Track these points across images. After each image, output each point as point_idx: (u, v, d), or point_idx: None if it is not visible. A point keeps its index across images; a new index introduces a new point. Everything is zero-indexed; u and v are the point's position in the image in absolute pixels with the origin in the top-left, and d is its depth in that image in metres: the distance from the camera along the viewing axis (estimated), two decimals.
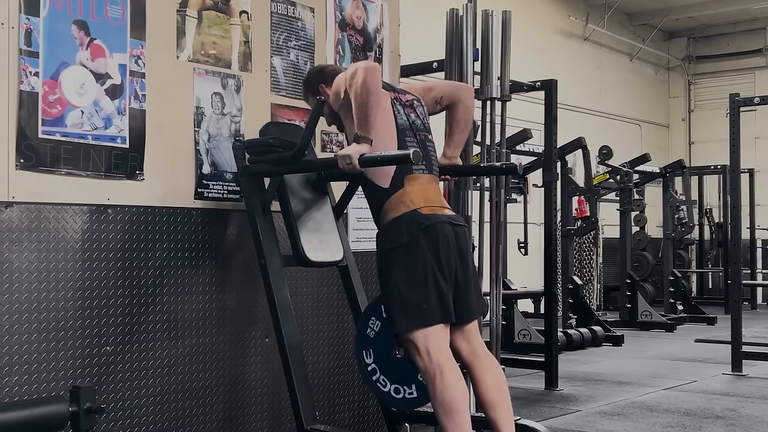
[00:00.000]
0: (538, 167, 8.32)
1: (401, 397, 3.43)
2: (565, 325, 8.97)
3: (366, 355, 3.47)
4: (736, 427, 4.99)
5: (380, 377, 3.45)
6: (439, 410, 3.07)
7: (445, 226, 3.22)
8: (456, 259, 3.23)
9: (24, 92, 3.05)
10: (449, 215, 3.31)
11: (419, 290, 3.13)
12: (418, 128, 3.40)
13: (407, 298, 3.14)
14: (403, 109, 3.39)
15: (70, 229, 3.17)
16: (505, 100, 4.72)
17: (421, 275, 3.14)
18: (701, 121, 17.54)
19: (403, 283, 3.15)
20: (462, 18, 4.58)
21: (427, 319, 3.12)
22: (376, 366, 3.45)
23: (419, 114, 3.45)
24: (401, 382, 3.41)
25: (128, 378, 3.31)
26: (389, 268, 3.20)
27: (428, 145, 3.41)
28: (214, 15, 3.67)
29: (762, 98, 6.98)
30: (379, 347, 3.44)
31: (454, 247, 3.22)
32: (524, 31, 11.22)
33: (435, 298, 3.13)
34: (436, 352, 3.11)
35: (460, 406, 3.05)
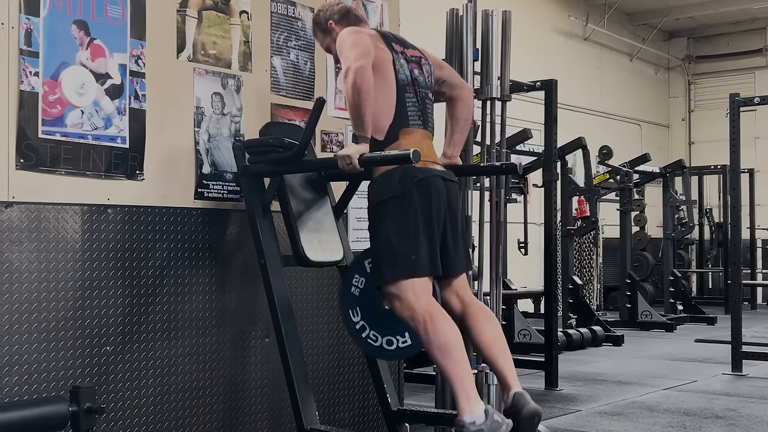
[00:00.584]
0: (538, 167, 8.32)
1: (395, 348, 3.43)
2: (565, 325, 8.97)
3: (353, 314, 3.46)
4: (736, 427, 4.99)
5: (370, 333, 3.44)
6: (435, 352, 3.09)
7: (437, 180, 3.27)
8: (446, 213, 3.28)
9: (24, 92, 3.05)
10: (441, 170, 3.35)
11: (409, 242, 3.17)
12: (419, 85, 3.42)
13: (397, 250, 3.18)
14: (407, 64, 3.41)
15: (70, 229, 3.17)
16: (505, 100, 4.72)
17: (412, 227, 3.18)
18: (701, 121, 17.54)
19: (393, 235, 3.19)
20: (462, 18, 4.58)
21: (415, 271, 3.17)
22: (364, 323, 3.44)
23: (424, 71, 3.48)
24: (393, 333, 3.40)
25: (128, 378, 3.31)
26: (380, 219, 3.24)
27: (427, 103, 3.45)
28: (214, 15, 3.68)
29: (762, 98, 6.98)
30: (365, 303, 3.43)
31: (444, 202, 3.28)
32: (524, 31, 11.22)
33: (424, 251, 3.18)
34: (424, 298, 3.16)
35: (454, 344, 3.09)
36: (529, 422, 3.12)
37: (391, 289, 3.20)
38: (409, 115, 3.33)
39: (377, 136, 3.29)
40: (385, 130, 3.29)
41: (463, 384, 3.07)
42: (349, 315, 3.48)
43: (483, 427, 3.00)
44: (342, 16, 3.55)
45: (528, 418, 3.11)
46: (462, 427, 3.03)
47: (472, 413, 3.02)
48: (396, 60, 3.36)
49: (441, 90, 3.64)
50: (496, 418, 3.02)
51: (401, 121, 3.30)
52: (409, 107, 3.34)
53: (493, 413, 3.04)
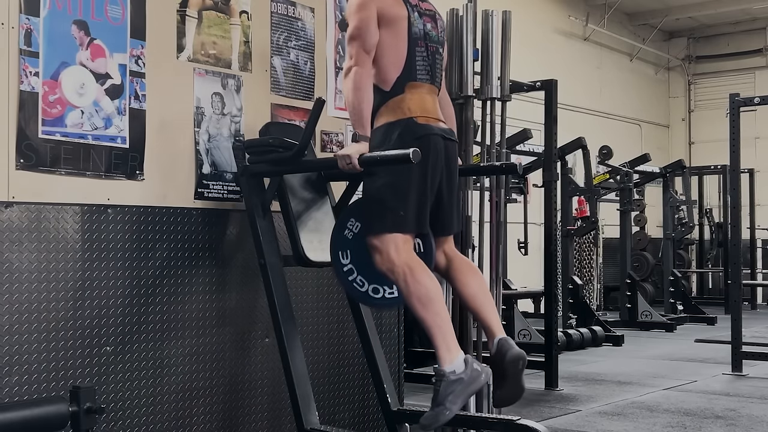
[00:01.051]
0: (538, 167, 8.33)
1: (380, 297, 3.43)
2: (565, 325, 8.97)
3: (342, 256, 3.44)
4: (736, 427, 4.99)
5: (357, 278, 3.42)
6: (416, 303, 3.12)
7: (437, 138, 3.29)
8: (443, 172, 3.31)
9: (24, 92, 3.05)
10: (443, 128, 3.37)
11: (400, 198, 3.20)
12: (431, 39, 3.43)
13: (387, 204, 3.20)
14: (421, 17, 3.42)
15: (70, 229, 3.17)
16: (505, 100, 4.72)
17: (405, 184, 3.20)
18: (701, 121, 17.54)
19: (385, 188, 3.21)
20: (462, 18, 4.58)
21: (401, 226, 3.20)
22: (353, 266, 3.42)
23: (438, 26, 3.49)
24: (380, 282, 3.39)
25: (128, 378, 3.31)
26: (375, 171, 3.25)
27: (437, 58, 3.45)
28: (214, 15, 3.67)
29: (762, 98, 6.98)
30: (357, 248, 3.40)
31: (442, 161, 3.30)
32: (524, 31, 11.23)
33: (413, 208, 3.21)
34: (405, 252, 3.19)
35: (435, 296, 3.13)
36: (513, 366, 3.17)
37: (374, 241, 3.22)
38: (418, 69, 3.35)
39: (383, 87, 3.30)
40: (392, 81, 3.30)
41: (444, 334, 3.11)
42: (338, 256, 3.44)
43: (463, 375, 3.04)
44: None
45: (512, 362, 3.17)
46: (442, 377, 3.07)
47: (452, 362, 3.06)
48: (411, 14, 3.37)
49: None
50: (475, 367, 3.07)
51: (409, 74, 3.32)
52: (418, 61, 3.35)
53: (473, 362, 3.08)
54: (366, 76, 3.22)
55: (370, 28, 3.27)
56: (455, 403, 3.04)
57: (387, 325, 4.36)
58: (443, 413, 3.05)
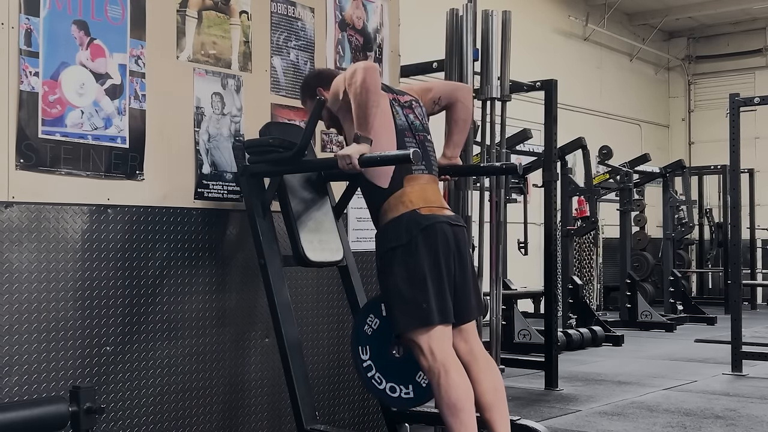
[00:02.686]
0: (538, 167, 8.32)
1: (397, 396, 3.43)
2: (565, 325, 8.97)
3: (362, 352, 3.47)
4: (736, 427, 4.99)
5: (375, 374, 3.44)
6: (445, 409, 3.07)
7: (444, 226, 3.23)
8: (455, 259, 3.24)
9: (24, 92, 3.05)
10: (448, 215, 3.32)
11: (419, 290, 3.14)
12: (417, 129, 3.40)
13: (407, 298, 3.15)
14: (402, 110, 3.40)
15: (70, 229, 3.17)
16: (505, 100, 4.73)
17: (421, 275, 3.15)
18: (701, 121, 17.54)
19: (403, 283, 3.16)
20: (462, 18, 4.58)
21: (427, 319, 3.13)
22: (372, 363, 3.45)
23: (418, 115, 3.46)
24: (397, 381, 3.41)
25: (128, 378, 3.31)
26: (389, 268, 3.21)
27: (427, 146, 3.42)
28: (214, 15, 3.67)
29: (762, 98, 6.98)
30: (377, 345, 3.44)
31: (452, 248, 3.23)
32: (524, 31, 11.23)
33: (434, 299, 3.14)
34: (440, 351, 3.12)
35: (465, 405, 3.07)
36: None
37: (408, 336, 3.18)
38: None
39: (381, 183, 3.26)
40: (389, 176, 3.25)
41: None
42: (358, 351, 3.48)
43: None
44: (328, 81, 3.47)
45: None
46: None
47: None
48: (392, 106, 3.36)
49: (441, 105, 3.62)
50: None
51: (405, 168, 3.26)
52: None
53: None
54: (376, 77, 3.14)
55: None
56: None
57: None
58: None
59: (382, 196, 3.26)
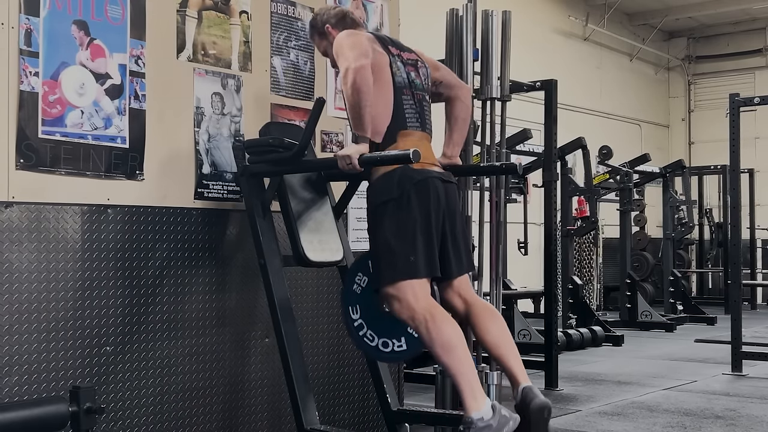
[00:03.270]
0: (538, 167, 8.32)
1: (390, 351, 3.43)
2: (565, 325, 8.96)
3: (352, 311, 3.47)
4: (736, 427, 4.99)
5: (367, 332, 3.44)
6: (438, 350, 3.09)
7: (436, 181, 3.28)
8: (445, 214, 3.29)
9: (24, 92, 3.05)
10: (440, 172, 3.36)
11: (407, 244, 3.18)
12: (416, 87, 3.43)
13: (395, 251, 3.18)
14: (404, 67, 3.42)
15: (70, 229, 3.17)
16: (505, 100, 4.72)
17: (411, 229, 3.19)
18: (701, 121, 17.53)
19: (392, 236, 3.20)
20: (462, 18, 4.58)
21: (413, 272, 3.17)
22: (363, 321, 3.45)
23: (420, 74, 3.48)
24: (389, 336, 3.41)
25: (128, 378, 3.31)
26: (379, 221, 3.24)
27: (424, 105, 3.45)
28: (214, 15, 3.68)
29: (762, 98, 6.98)
30: (366, 302, 3.43)
31: (443, 203, 3.29)
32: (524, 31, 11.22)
33: (422, 252, 3.19)
34: (423, 299, 3.17)
35: (457, 342, 3.09)
36: (538, 415, 3.10)
37: (389, 290, 3.20)
38: (407, 117, 3.34)
39: (375, 139, 3.29)
40: (383, 132, 3.30)
41: (469, 381, 3.06)
42: (348, 312, 3.49)
43: (492, 422, 2.99)
44: (339, 19, 3.54)
45: (538, 411, 3.10)
46: (470, 425, 3.01)
47: (479, 410, 3.01)
48: (393, 63, 3.37)
49: (438, 91, 3.64)
50: (503, 413, 3.02)
51: (399, 123, 3.31)
52: (406, 109, 3.35)
53: (500, 409, 3.03)
54: (366, 77, 3.17)
55: (364, 43, 3.25)
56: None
57: None
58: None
59: (376, 150, 3.28)
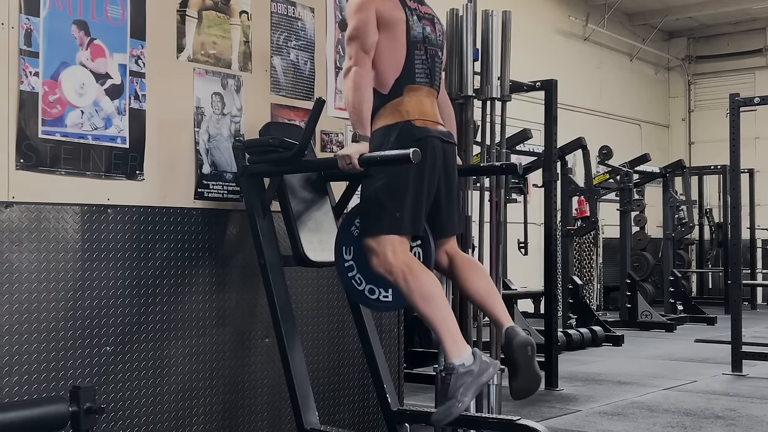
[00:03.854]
0: (538, 167, 8.33)
1: (375, 298, 3.44)
2: (565, 325, 8.97)
3: (345, 251, 3.46)
4: (736, 427, 4.99)
5: (356, 275, 3.44)
6: (418, 300, 3.12)
7: (436, 141, 3.29)
8: (441, 174, 3.31)
9: (24, 92, 3.05)
10: (441, 131, 3.37)
11: (397, 199, 3.20)
12: (430, 42, 3.43)
13: (384, 205, 3.21)
14: (420, 21, 3.42)
15: (70, 229, 3.17)
16: (505, 100, 4.72)
17: (402, 186, 3.20)
18: (701, 121, 17.54)
19: (382, 190, 3.22)
20: (462, 18, 4.58)
21: (396, 228, 3.20)
22: (354, 263, 3.44)
23: (436, 30, 3.49)
24: (377, 284, 3.40)
25: (128, 378, 3.31)
26: (373, 173, 3.25)
27: (436, 61, 3.45)
28: (214, 15, 3.67)
29: (762, 98, 6.98)
30: (361, 247, 3.40)
31: (440, 163, 3.30)
32: (524, 31, 11.22)
33: (409, 210, 3.21)
34: (402, 252, 3.19)
35: (436, 291, 3.14)
36: (522, 352, 3.17)
37: (370, 242, 3.23)
38: (417, 72, 3.35)
39: (381, 90, 3.30)
40: (390, 84, 3.30)
41: (449, 328, 3.11)
42: (341, 251, 3.46)
43: (473, 368, 3.04)
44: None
45: (520, 348, 3.17)
46: (452, 370, 3.06)
47: (461, 355, 3.06)
48: (410, 17, 3.37)
49: None
50: (484, 359, 3.08)
51: (408, 77, 3.32)
52: (417, 64, 3.36)
53: (481, 354, 3.09)
54: (366, 76, 3.22)
55: (369, 28, 3.27)
56: (466, 395, 3.04)
57: (387, 325, 4.36)
58: (455, 406, 3.04)
59: (380, 100, 3.30)
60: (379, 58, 3.28)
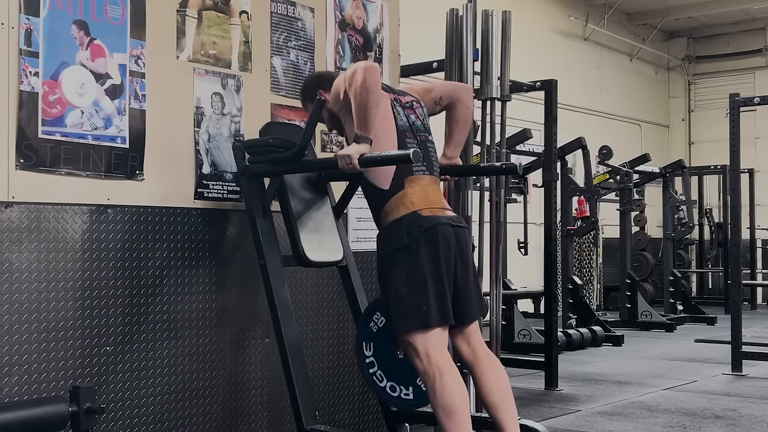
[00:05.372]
0: (538, 167, 8.32)
1: (396, 396, 3.44)
2: (565, 325, 8.97)
3: (366, 347, 3.48)
4: (736, 427, 4.99)
5: (377, 371, 3.45)
6: (440, 412, 3.07)
7: (446, 227, 3.23)
8: (456, 260, 3.23)
9: (24, 92, 3.05)
10: (450, 216, 3.31)
11: (418, 293, 3.13)
12: (418, 129, 3.39)
13: (406, 301, 3.14)
14: (403, 111, 3.39)
15: (70, 229, 3.17)
16: (505, 100, 4.72)
17: (421, 278, 3.14)
18: (701, 121, 17.54)
19: (402, 285, 3.16)
20: (462, 18, 4.58)
21: (425, 322, 3.12)
22: (374, 360, 3.46)
23: (419, 115, 3.45)
24: (399, 382, 3.42)
25: (128, 378, 3.31)
26: (390, 270, 3.21)
27: (429, 146, 3.41)
28: (214, 15, 3.68)
29: (762, 98, 6.98)
30: (381, 343, 3.44)
31: (454, 249, 3.23)
32: (524, 31, 11.22)
33: (434, 301, 3.13)
34: (435, 354, 3.11)
35: (460, 407, 3.06)
36: None
37: (405, 339, 3.18)
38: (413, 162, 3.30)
39: (382, 185, 3.25)
40: (390, 177, 3.24)
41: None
42: (362, 348, 3.49)
43: None
44: (329, 83, 3.46)
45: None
46: None
47: None
48: (394, 106, 3.35)
49: (442, 105, 3.62)
50: None
51: (405, 169, 3.25)
52: None
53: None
54: (376, 77, 3.13)
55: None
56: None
57: None
58: None
59: (384, 197, 3.26)
60: (377, 144, 3.19)
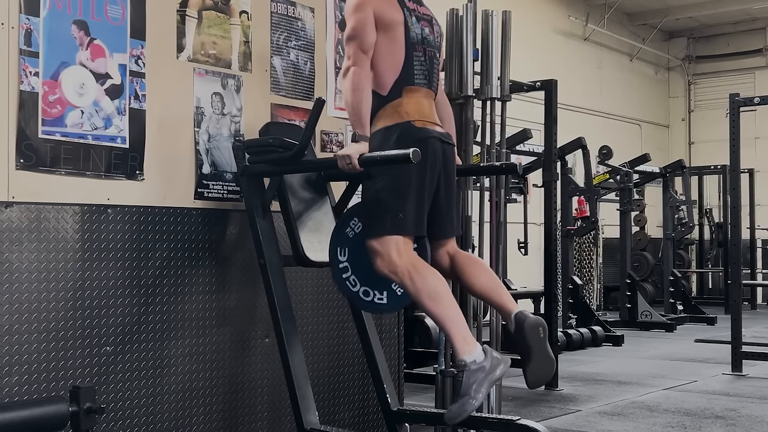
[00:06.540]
0: (538, 167, 8.32)
1: (369, 300, 3.42)
2: (565, 325, 8.97)
3: (340, 252, 3.45)
4: (736, 427, 4.99)
5: (351, 276, 3.43)
6: (425, 299, 3.12)
7: (436, 141, 3.30)
8: (441, 175, 3.32)
9: (24, 92, 3.05)
10: (440, 132, 3.37)
11: (398, 200, 3.20)
12: (428, 44, 3.43)
13: (386, 206, 3.21)
14: (419, 22, 3.42)
15: (70, 229, 3.17)
16: (505, 100, 4.72)
17: (404, 186, 3.20)
18: (701, 121, 17.54)
19: (384, 191, 3.22)
20: (462, 18, 4.58)
21: (400, 228, 3.19)
22: (348, 265, 3.43)
23: (434, 31, 3.50)
24: (372, 286, 3.39)
25: (128, 378, 3.31)
26: (375, 174, 3.25)
27: (434, 63, 3.46)
28: (214, 15, 3.68)
29: (762, 98, 6.98)
30: (356, 248, 3.41)
31: (440, 164, 3.31)
32: (524, 31, 11.22)
33: (412, 210, 3.21)
34: (407, 252, 3.19)
35: (443, 290, 3.14)
36: (534, 333, 3.18)
37: (374, 244, 3.22)
38: (415, 74, 3.35)
39: (381, 91, 3.30)
40: (389, 86, 3.31)
41: (458, 326, 3.11)
42: (336, 252, 3.45)
43: (484, 364, 3.04)
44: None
45: (532, 329, 3.18)
46: (463, 367, 3.06)
47: (472, 352, 3.06)
48: (408, 18, 3.37)
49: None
50: (495, 355, 3.07)
51: (406, 78, 3.32)
52: (416, 66, 3.36)
53: (491, 351, 3.09)
54: (364, 76, 3.23)
55: (367, 28, 3.27)
56: (480, 392, 3.03)
57: (387, 325, 4.36)
58: (469, 403, 3.03)
59: (380, 102, 3.30)
60: (377, 59, 3.28)
